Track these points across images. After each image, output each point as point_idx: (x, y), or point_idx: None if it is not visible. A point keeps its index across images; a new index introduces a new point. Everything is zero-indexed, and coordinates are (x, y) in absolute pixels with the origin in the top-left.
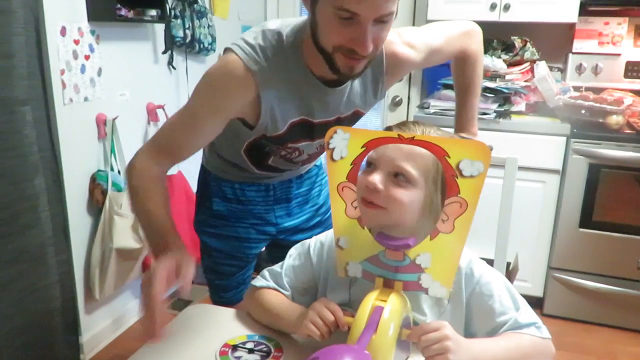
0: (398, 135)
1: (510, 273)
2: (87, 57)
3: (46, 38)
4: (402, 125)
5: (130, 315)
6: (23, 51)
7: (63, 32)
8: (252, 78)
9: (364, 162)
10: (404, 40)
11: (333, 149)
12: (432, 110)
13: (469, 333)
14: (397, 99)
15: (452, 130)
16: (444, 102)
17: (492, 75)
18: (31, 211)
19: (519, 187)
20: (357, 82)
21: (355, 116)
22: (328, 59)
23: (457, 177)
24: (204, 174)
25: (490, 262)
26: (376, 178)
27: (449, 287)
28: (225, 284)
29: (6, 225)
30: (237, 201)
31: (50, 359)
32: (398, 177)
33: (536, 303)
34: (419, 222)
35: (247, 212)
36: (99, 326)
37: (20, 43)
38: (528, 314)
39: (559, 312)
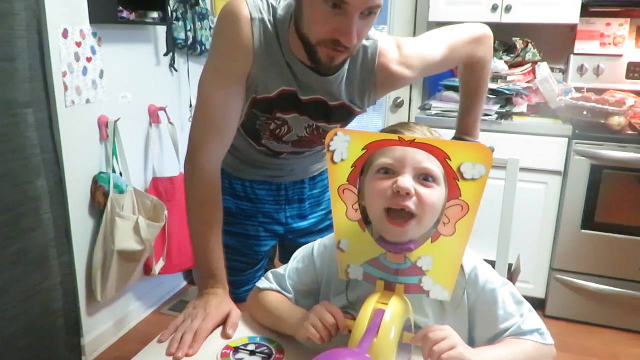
0: (399, 137)
1: (512, 275)
2: (89, 60)
3: (48, 41)
4: (399, 127)
5: (132, 317)
6: (25, 54)
7: (65, 34)
8: (251, 24)
9: (377, 169)
10: (402, 57)
11: (334, 151)
12: (433, 112)
13: (471, 338)
14: (399, 101)
15: (451, 132)
16: (445, 104)
17: (494, 77)
18: (33, 213)
19: (521, 189)
20: (344, 79)
21: (345, 110)
22: (310, 49)
23: (459, 180)
24: None
25: (492, 263)
26: (407, 182)
27: (450, 290)
28: (234, 280)
29: (8, 228)
30: (248, 199)
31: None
32: (425, 179)
33: (538, 304)
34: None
35: (257, 210)
36: (101, 328)
37: (23, 46)
38: (532, 320)
39: (561, 314)
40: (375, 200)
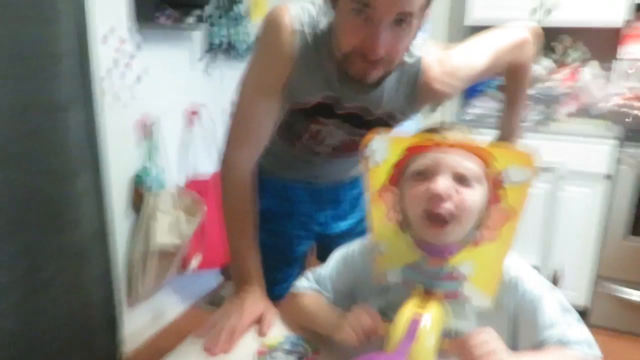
0: (442, 139)
1: (554, 281)
2: (128, 62)
3: (90, 44)
4: (439, 128)
5: (170, 311)
6: (69, 55)
7: (106, 38)
8: (291, 37)
9: (413, 172)
10: (445, 74)
11: (372, 153)
12: (470, 117)
13: (514, 346)
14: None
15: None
16: (483, 106)
17: (534, 80)
18: (74, 209)
19: (565, 194)
20: (384, 96)
21: (382, 124)
22: (343, 61)
23: (502, 185)
24: (258, 172)
25: (536, 269)
26: (446, 183)
27: (491, 297)
28: (269, 278)
29: (51, 223)
30: (285, 199)
31: (92, 352)
32: (464, 179)
33: (581, 313)
34: None
35: (294, 210)
36: (139, 321)
37: (67, 47)
38: (579, 330)
39: (605, 323)
40: (413, 204)
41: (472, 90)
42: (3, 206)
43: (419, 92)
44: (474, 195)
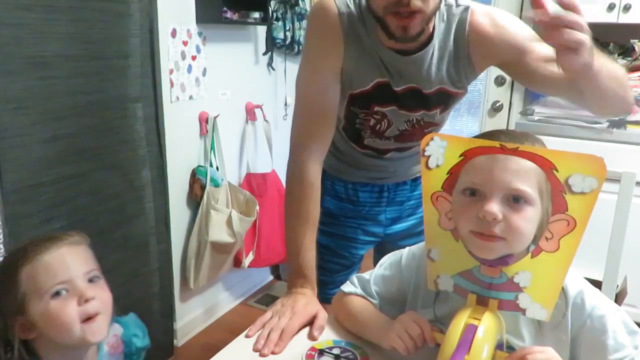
0: (500, 144)
1: (618, 297)
2: (193, 58)
3: (158, 39)
4: (499, 133)
5: (221, 306)
6: (138, 52)
7: (174, 33)
8: (339, 19)
9: (463, 187)
10: (494, 23)
11: (429, 156)
12: (536, 118)
13: None
14: (498, 104)
15: (556, 140)
16: (550, 109)
17: None
18: (137, 202)
19: (634, 204)
20: (435, 55)
21: (442, 94)
22: (381, 23)
23: (566, 193)
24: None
25: (595, 283)
26: (495, 207)
27: (549, 310)
28: (326, 280)
29: (115, 214)
30: (349, 201)
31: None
32: (516, 201)
33: None
34: None
35: (357, 212)
36: (191, 314)
37: (136, 44)
38: None
39: None
40: (462, 220)
41: (535, 94)
42: (74, 197)
43: (470, 38)
44: (524, 219)
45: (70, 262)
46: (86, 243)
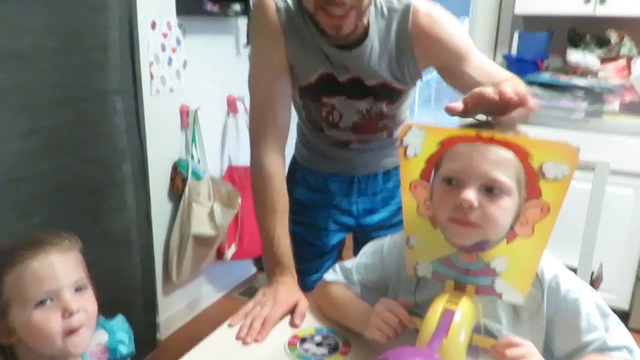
0: (476, 133)
1: (594, 283)
2: (174, 50)
3: (138, 31)
4: (473, 124)
5: (205, 299)
6: (117, 44)
7: (153, 25)
8: (277, 14)
9: (442, 176)
10: (436, 22)
11: (407, 146)
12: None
13: (548, 351)
14: None
15: (533, 129)
16: None
17: (583, 72)
18: (118, 196)
19: (609, 193)
20: (375, 51)
21: (387, 89)
22: (314, 19)
23: (540, 180)
24: (294, 164)
25: (572, 270)
26: (471, 195)
27: (524, 293)
28: (301, 268)
29: (96, 208)
30: (320, 191)
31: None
32: (492, 190)
33: (621, 316)
34: None
35: (328, 202)
36: (174, 308)
37: (115, 36)
38: (620, 334)
39: None
40: (440, 208)
41: None
42: (52, 192)
43: (413, 35)
44: (500, 208)
45: (59, 271)
46: (77, 248)
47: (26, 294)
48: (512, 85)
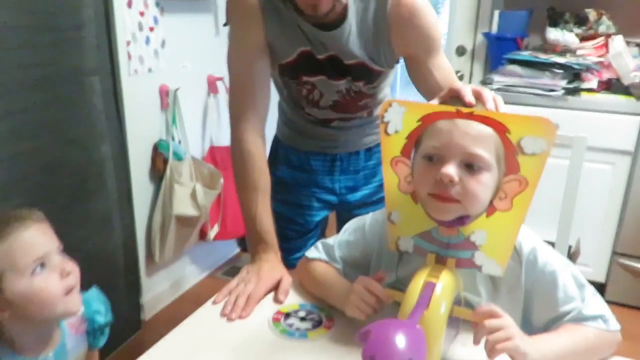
0: (456, 109)
1: (571, 257)
2: (151, 29)
3: (113, 10)
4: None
5: (187, 280)
6: (92, 23)
7: (129, 4)
8: None
9: (423, 153)
10: (412, 3)
11: (388, 122)
12: (495, 87)
13: (526, 322)
14: (459, 74)
15: (515, 107)
16: (509, 78)
17: (562, 50)
18: (98, 177)
19: (586, 169)
20: (353, 32)
21: (365, 69)
22: (294, 3)
23: (518, 155)
24: (276, 143)
25: (550, 244)
26: (451, 170)
27: (503, 266)
28: (285, 247)
29: (76, 190)
30: (302, 169)
31: (115, 318)
32: (471, 165)
33: (598, 289)
34: None
35: (311, 180)
36: (158, 289)
37: (90, 15)
38: (595, 305)
39: (622, 299)
40: (420, 184)
41: (496, 63)
42: (31, 174)
43: (391, 19)
44: (480, 183)
45: (43, 238)
46: (46, 220)
47: (19, 263)
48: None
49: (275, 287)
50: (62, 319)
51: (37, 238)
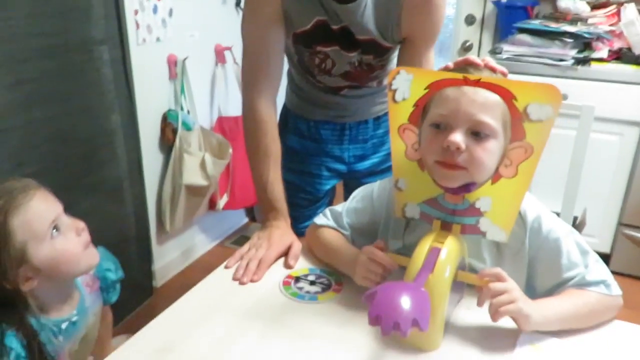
0: (464, 77)
1: (577, 227)
2: None
3: None
4: (467, 65)
5: (197, 248)
6: None
7: None
8: None
9: (430, 121)
10: None
11: (395, 89)
12: (504, 56)
13: (530, 287)
14: (468, 44)
15: (524, 77)
16: (518, 47)
17: (573, 19)
18: (108, 146)
19: (594, 139)
20: (369, 7)
21: (375, 45)
22: None
23: (524, 121)
24: (285, 112)
25: (556, 215)
26: (458, 137)
27: (507, 232)
28: (295, 215)
29: (87, 158)
30: (312, 139)
31: (126, 284)
32: (478, 133)
33: (603, 259)
34: None
35: (320, 149)
36: (169, 257)
37: None
38: (598, 270)
39: (626, 270)
40: (428, 152)
41: (506, 32)
42: (42, 142)
43: (402, 7)
44: (486, 151)
45: (48, 203)
46: (42, 185)
47: (38, 231)
48: None
49: (286, 253)
50: (85, 273)
51: (45, 204)
